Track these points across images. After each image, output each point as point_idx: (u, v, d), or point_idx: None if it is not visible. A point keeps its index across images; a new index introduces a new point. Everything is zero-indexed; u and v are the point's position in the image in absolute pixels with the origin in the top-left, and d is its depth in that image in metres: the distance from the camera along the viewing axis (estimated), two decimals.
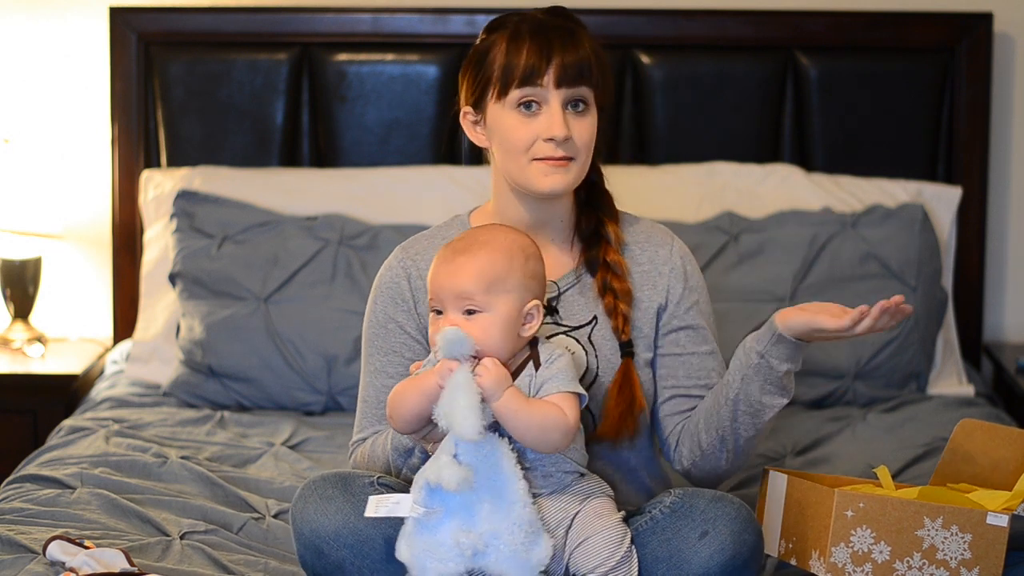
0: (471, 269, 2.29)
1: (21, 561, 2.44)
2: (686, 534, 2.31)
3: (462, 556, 2.22)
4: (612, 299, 2.51)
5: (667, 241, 2.59)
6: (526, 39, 2.45)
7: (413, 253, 2.56)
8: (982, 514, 2.36)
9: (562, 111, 2.44)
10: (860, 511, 2.34)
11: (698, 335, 2.55)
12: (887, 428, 3.28)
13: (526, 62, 2.43)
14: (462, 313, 2.29)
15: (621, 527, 2.33)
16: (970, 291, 3.72)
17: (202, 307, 3.43)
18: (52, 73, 3.79)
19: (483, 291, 2.29)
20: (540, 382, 2.31)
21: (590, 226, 2.55)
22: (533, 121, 2.44)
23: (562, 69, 2.43)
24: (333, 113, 3.70)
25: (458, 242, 2.34)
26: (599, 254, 2.53)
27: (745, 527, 2.31)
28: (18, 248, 3.71)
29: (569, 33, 2.46)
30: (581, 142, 2.46)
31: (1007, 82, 3.78)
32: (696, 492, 2.36)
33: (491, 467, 2.25)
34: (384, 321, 2.54)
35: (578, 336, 2.49)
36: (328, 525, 2.32)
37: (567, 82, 2.43)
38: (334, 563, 2.33)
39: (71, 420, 3.23)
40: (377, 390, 2.53)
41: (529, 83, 2.43)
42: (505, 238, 2.35)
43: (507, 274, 2.31)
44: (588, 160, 2.49)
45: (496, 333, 2.29)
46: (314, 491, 2.35)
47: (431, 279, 2.33)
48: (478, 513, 2.23)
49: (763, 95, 3.69)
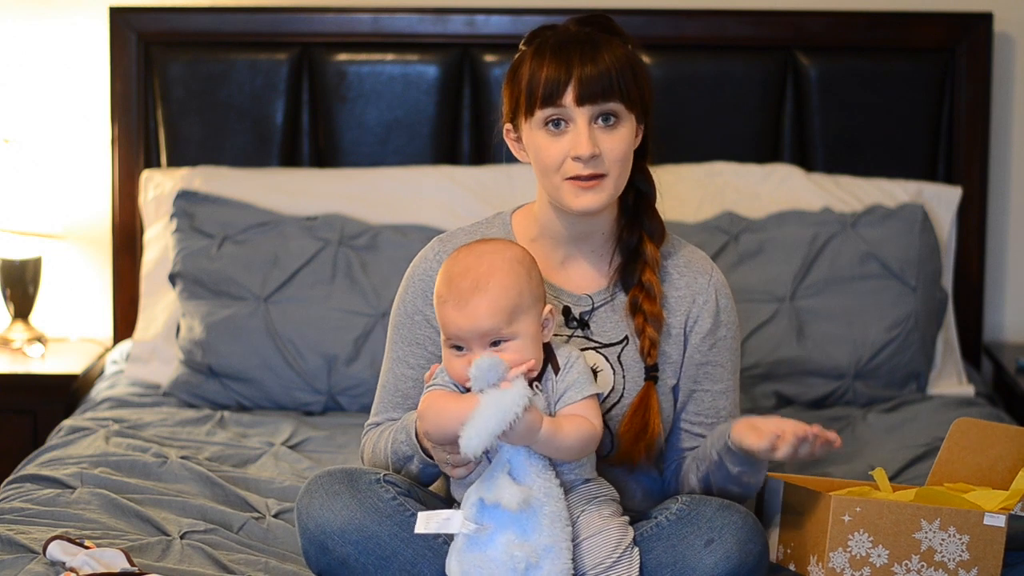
0: (489, 307, 2.28)
1: (21, 561, 2.44)
2: (692, 541, 2.31)
3: (514, 570, 2.22)
4: (642, 320, 2.47)
5: (707, 270, 2.54)
6: (547, 55, 2.41)
7: (450, 247, 2.52)
8: (979, 515, 2.36)
9: (589, 127, 2.39)
10: (857, 515, 2.33)
11: (715, 372, 2.53)
12: (887, 428, 3.28)
13: (546, 80, 2.39)
14: (489, 346, 2.29)
15: (622, 528, 2.33)
16: (970, 291, 3.72)
17: (202, 307, 3.43)
18: (52, 73, 3.79)
19: (506, 323, 2.28)
20: (563, 388, 2.32)
21: (631, 241, 2.51)
22: (562, 139, 2.41)
23: (582, 86, 2.38)
24: (333, 113, 3.70)
25: (462, 280, 2.30)
26: (635, 273, 2.49)
27: (751, 536, 2.31)
28: (18, 248, 3.71)
29: (592, 46, 2.41)
30: (612, 157, 2.41)
31: (1007, 82, 3.78)
32: (703, 500, 2.36)
33: (543, 483, 2.26)
34: (412, 312, 2.52)
35: (608, 354, 2.48)
36: (334, 521, 2.32)
37: (589, 99, 2.39)
38: (339, 559, 2.33)
39: (71, 420, 3.23)
40: (396, 378, 2.53)
41: (551, 103, 2.40)
42: (503, 259, 2.33)
43: (520, 297, 2.30)
44: (623, 174, 2.44)
45: (529, 351, 2.30)
46: (320, 486, 2.35)
47: (445, 322, 2.30)
48: (532, 526, 2.24)
49: (763, 95, 3.69)
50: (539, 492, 2.25)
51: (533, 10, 3.71)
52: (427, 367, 2.49)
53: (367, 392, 3.36)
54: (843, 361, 3.42)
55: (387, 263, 3.45)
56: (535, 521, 2.24)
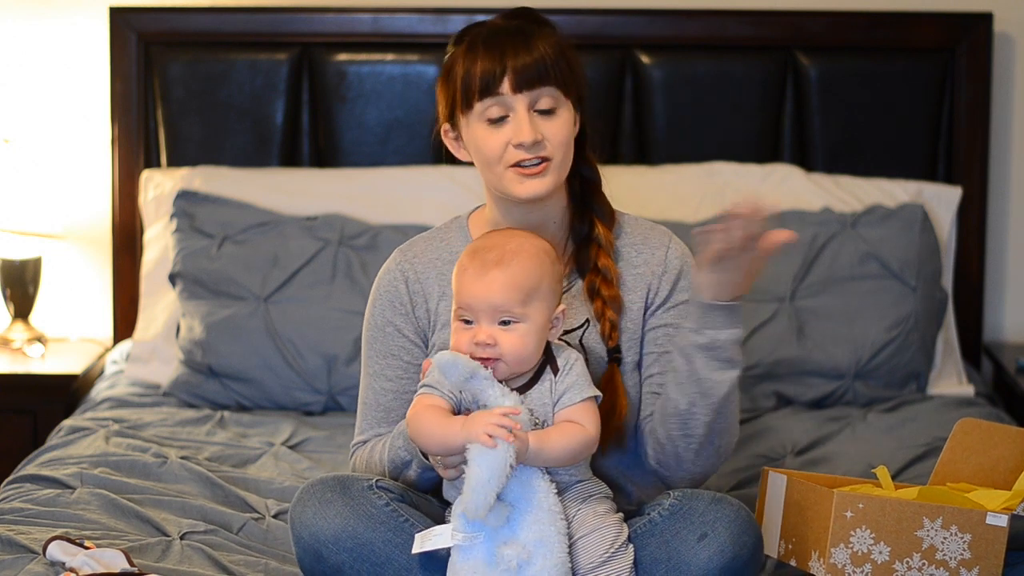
0: (507, 281, 2.29)
1: (21, 561, 2.44)
2: (685, 536, 2.31)
3: (508, 570, 2.22)
4: (601, 304, 2.48)
5: (663, 242, 2.55)
6: (479, 48, 2.43)
7: (411, 256, 2.55)
8: (981, 514, 2.36)
9: (528, 115, 2.41)
10: (859, 512, 2.34)
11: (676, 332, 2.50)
12: (887, 428, 3.28)
13: (482, 72, 2.41)
14: (497, 324, 2.29)
15: (616, 525, 2.33)
16: (970, 291, 3.72)
17: (202, 307, 3.43)
18: (52, 73, 3.79)
19: (520, 303, 2.29)
20: (561, 390, 2.32)
21: (583, 228, 2.52)
22: (502, 129, 2.42)
23: (517, 73, 2.40)
24: (333, 113, 3.70)
25: (487, 252, 2.32)
26: (590, 258, 2.51)
27: (744, 529, 2.30)
28: (18, 248, 3.71)
29: (523, 35, 2.43)
30: (555, 141, 2.42)
31: (1007, 82, 3.78)
32: (695, 494, 2.35)
33: (524, 482, 2.26)
34: (382, 324, 2.53)
35: (570, 339, 2.48)
36: (327, 529, 2.32)
37: (526, 85, 2.41)
38: (333, 567, 2.32)
39: (71, 420, 3.23)
40: (376, 393, 2.53)
41: (489, 93, 2.41)
42: (532, 244, 2.34)
43: (540, 282, 2.31)
44: (567, 159, 2.45)
45: (531, 342, 2.30)
46: (312, 495, 2.35)
47: (461, 291, 2.31)
48: (519, 525, 2.24)
49: (763, 95, 3.69)
50: (520, 491, 2.24)
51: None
52: (406, 377, 2.50)
53: None
54: (843, 361, 3.42)
55: None
56: (520, 519, 2.24)
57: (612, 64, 3.69)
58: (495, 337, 2.28)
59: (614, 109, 3.69)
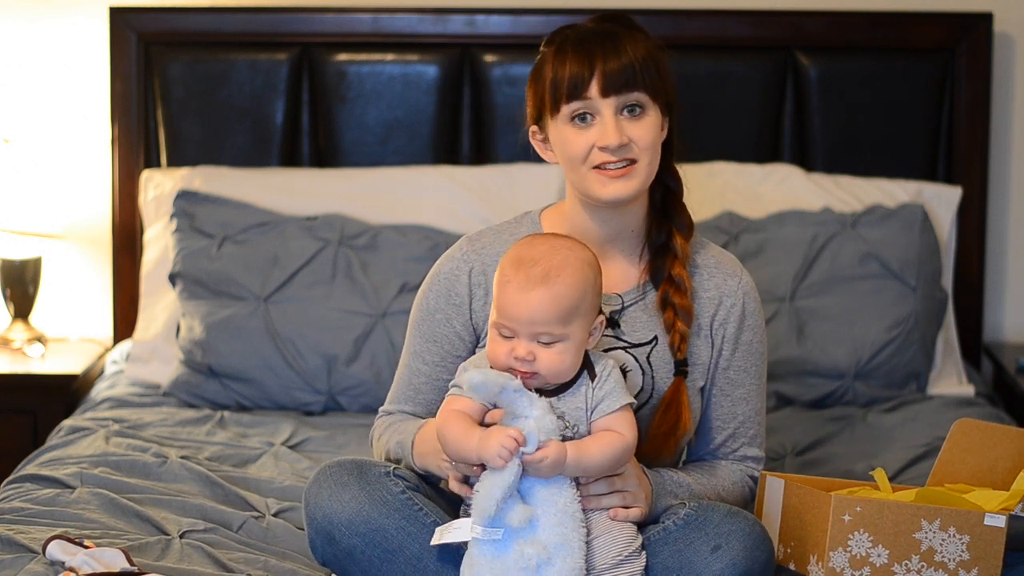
0: (551, 302, 2.26)
1: (21, 561, 2.44)
2: (698, 547, 2.31)
3: (526, 569, 2.22)
4: (672, 315, 2.47)
5: (736, 272, 2.54)
6: (568, 51, 2.42)
7: (479, 247, 2.53)
8: (980, 515, 2.36)
9: (615, 118, 2.40)
10: (857, 515, 2.34)
11: (737, 377, 2.53)
12: (887, 428, 3.28)
13: (570, 75, 2.40)
14: (537, 342, 2.28)
15: (631, 528, 2.34)
16: (970, 291, 3.72)
17: (202, 307, 3.43)
18: (52, 73, 3.79)
19: (562, 323, 2.27)
20: (598, 398, 2.31)
21: (660, 237, 2.50)
22: (588, 131, 2.41)
23: (606, 77, 2.39)
24: (333, 113, 3.70)
25: (532, 266, 2.28)
26: (664, 267, 2.49)
27: (758, 544, 2.30)
28: (18, 248, 3.71)
29: (612, 39, 2.42)
30: (642, 144, 2.41)
31: (1007, 82, 3.78)
32: (711, 506, 2.35)
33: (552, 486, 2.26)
34: (433, 310, 2.52)
35: (636, 354, 2.47)
36: (342, 512, 2.33)
37: (614, 89, 2.40)
38: (345, 550, 2.33)
39: (71, 420, 3.23)
40: (411, 372, 2.54)
41: (576, 96, 2.40)
42: (576, 258, 2.31)
43: (583, 299, 2.29)
44: (653, 163, 2.44)
45: (569, 359, 2.29)
46: (329, 477, 2.36)
47: (503, 305, 2.29)
48: (541, 526, 2.24)
49: (763, 95, 3.69)
50: (546, 491, 2.25)
51: (533, 10, 3.71)
52: (442, 365, 2.51)
53: (367, 392, 3.36)
54: (843, 361, 3.42)
55: (387, 263, 3.45)
56: (545, 519, 2.24)
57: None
58: (534, 354, 2.27)
59: None
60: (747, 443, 2.54)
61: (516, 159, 3.66)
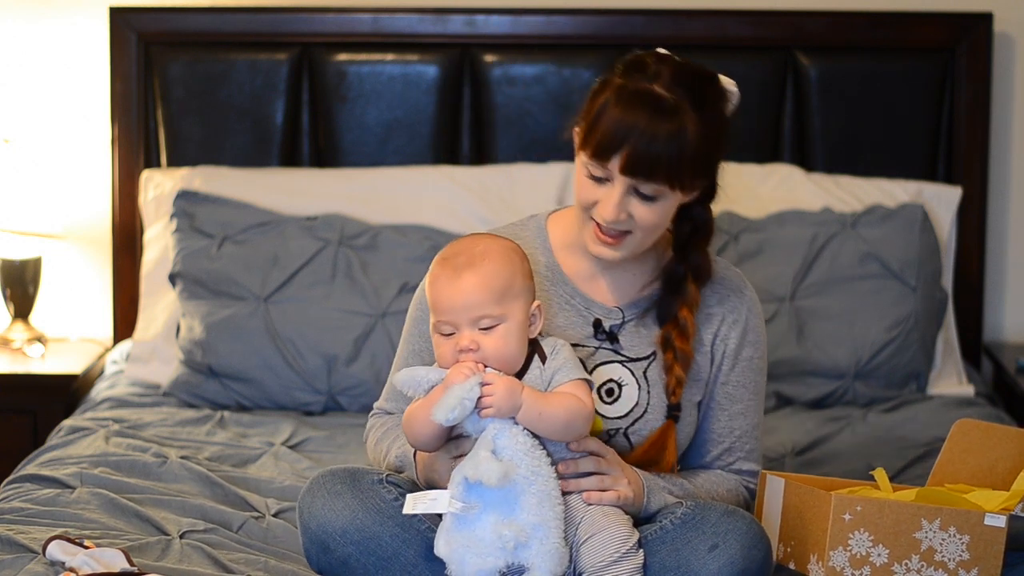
0: (480, 281, 2.28)
1: (21, 561, 2.43)
2: (696, 545, 2.31)
3: (503, 549, 2.23)
4: (671, 358, 2.46)
5: (740, 288, 2.53)
6: (620, 107, 2.33)
7: None
8: (980, 515, 2.36)
9: (623, 196, 2.34)
10: (857, 514, 2.34)
11: (735, 393, 2.52)
12: (887, 428, 3.28)
13: (602, 137, 2.32)
14: (478, 329, 2.29)
15: (627, 527, 2.33)
16: (970, 291, 3.72)
17: (202, 307, 3.43)
18: (52, 73, 3.79)
19: (496, 302, 2.28)
20: (551, 373, 2.32)
21: (677, 273, 2.46)
22: (598, 189, 2.36)
23: (630, 160, 2.31)
24: (333, 113, 3.70)
25: (456, 257, 2.31)
26: (672, 307, 2.46)
27: (755, 543, 2.30)
28: (18, 248, 3.71)
29: (661, 117, 2.31)
30: (643, 225, 2.37)
31: (1007, 82, 3.78)
32: (708, 505, 2.35)
33: (530, 461, 2.26)
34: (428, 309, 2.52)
35: (633, 369, 2.47)
36: (335, 521, 2.33)
37: (632, 174, 2.33)
38: (339, 559, 2.33)
39: (71, 420, 3.23)
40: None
41: (598, 158, 2.34)
42: (499, 244, 2.34)
43: (512, 280, 2.31)
44: (650, 237, 2.40)
45: (513, 342, 2.30)
46: (322, 486, 2.36)
47: (437, 300, 2.30)
48: (519, 505, 2.24)
49: (763, 95, 3.69)
50: (526, 470, 2.25)
51: (533, 10, 3.71)
52: None
53: (367, 392, 3.36)
54: (843, 361, 3.42)
55: (387, 263, 3.45)
56: (522, 500, 2.24)
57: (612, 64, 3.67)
58: (477, 341, 2.28)
59: None
60: (743, 457, 2.54)
61: (516, 159, 3.66)
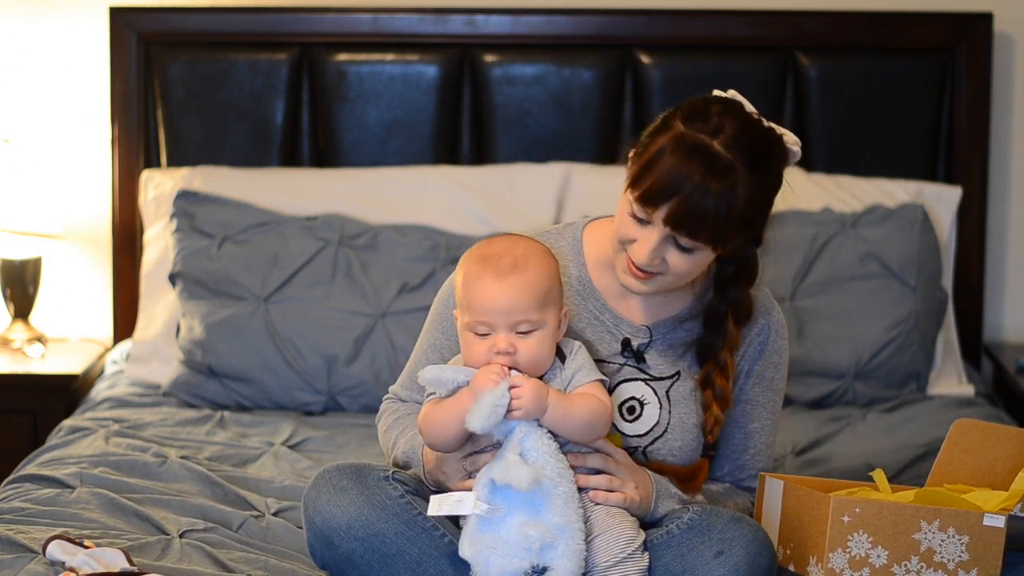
0: (526, 286, 2.27)
1: (21, 561, 2.44)
2: (701, 551, 2.31)
3: (528, 550, 2.23)
4: (711, 397, 2.45)
5: (767, 310, 2.51)
6: (675, 156, 2.28)
7: None
8: (979, 515, 2.36)
9: (660, 243, 2.31)
10: (856, 516, 2.33)
11: (753, 411, 2.52)
12: (887, 428, 3.28)
13: (652, 184, 2.28)
14: (515, 333, 2.28)
15: (633, 528, 2.34)
16: (970, 291, 3.72)
17: (202, 307, 3.43)
18: (52, 73, 3.79)
19: (538, 308, 2.28)
20: (570, 374, 2.33)
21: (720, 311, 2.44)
22: (639, 229, 2.33)
23: (675, 214, 2.28)
24: (333, 113, 3.70)
25: (498, 259, 2.29)
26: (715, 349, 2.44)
27: (761, 551, 2.30)
28: (18, 248, 3.71)
29: (714, 176, 2.26)
30: (675, 271, 2.35)
31: (1007, 82, 3.78)
32: (714, 511, 2.35)
33: (555, 463, 2.27)
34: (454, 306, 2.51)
35: (656, 388, 2.46)
36: (340, 517, 2.33)
37: (674, 227, 2.29)
38: (344, 555, 2.33)
39: (71, 420, 3.23)
40: (420, 362, 2.51)
41: (643, 203, 2.30)
42: (538, 248, 2.32)
43: (552, 286, 2.30)
44: (681, 281, 2.38)
45: (547, 347, 2.30)
46: (328, 481, 2.36)
47: (477, 300, 2.28)
48: (545, 506, 2.25)
49: (763, 95, 3.68)
50: (552, 472, 2.25)
51: (533, 10, 3.71)
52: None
53: (367, 392, 3.36)
54: (843, 361, 3.42)
55: (387, 263, 3.45)
56: (548, 501, 2.25)
57: (612, 64, 3.69)
58: (515, 345, 2.27)
59: (614, 109, 3.69)
60: (754, 475, 2.54)
61: (516, 159, 3.66)
